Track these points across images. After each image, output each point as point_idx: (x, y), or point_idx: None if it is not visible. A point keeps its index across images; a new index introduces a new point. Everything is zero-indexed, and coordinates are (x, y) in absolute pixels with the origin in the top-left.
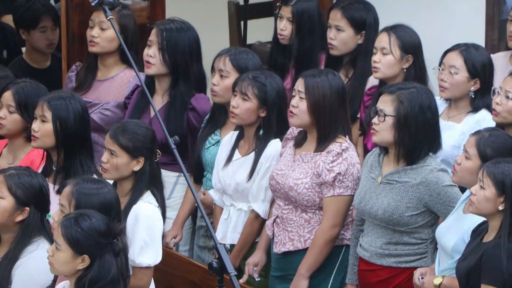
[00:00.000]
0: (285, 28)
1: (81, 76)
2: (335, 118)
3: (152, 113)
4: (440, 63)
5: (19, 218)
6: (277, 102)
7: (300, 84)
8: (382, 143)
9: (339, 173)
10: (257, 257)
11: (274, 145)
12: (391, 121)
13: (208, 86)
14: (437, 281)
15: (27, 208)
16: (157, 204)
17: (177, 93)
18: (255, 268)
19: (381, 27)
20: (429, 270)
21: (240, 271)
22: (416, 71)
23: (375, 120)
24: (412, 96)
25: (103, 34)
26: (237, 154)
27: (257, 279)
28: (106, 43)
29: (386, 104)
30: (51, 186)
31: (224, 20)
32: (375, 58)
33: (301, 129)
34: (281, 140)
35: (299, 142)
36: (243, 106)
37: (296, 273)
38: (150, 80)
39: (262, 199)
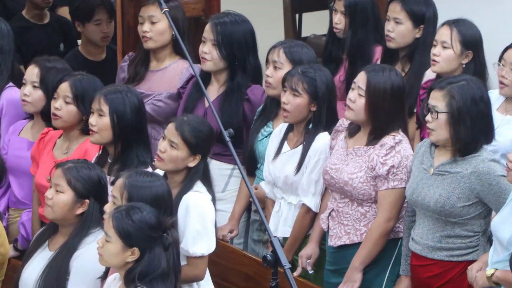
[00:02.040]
0: (339, 21)
1: (133, 68)
2: (392, 118)
3: (207, 104)
4: (500, 59)
5: (79, 211)
6: (327, 96)
7: (361, 80)
8: (439, 142)
9: (392, 166)
10: (310, 250)
11: (322, 138)
12: (445, 117)
13: (263, 76)
14: (489, 272)
15: (87, 201)
16: (208, 194)
17: (235, 85)
18: (308, 261)
19: (440, 22)
20: (483, 265)
21: (292, 265)
22: (476, 67)
23: (428, 117)
24: (463, 90)
25: (154, 28)
26: (286, 146)
27: (310, 272)
28: (159, 37)
29: (437, 100)
30: (107, 178)
31: (279, 13)
32: (434, 51)
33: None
34: (330, 132)
35: (353, 132)
36: (294, 102)
37: (350, 266)
38: (206, 72)
39: (312, 193)
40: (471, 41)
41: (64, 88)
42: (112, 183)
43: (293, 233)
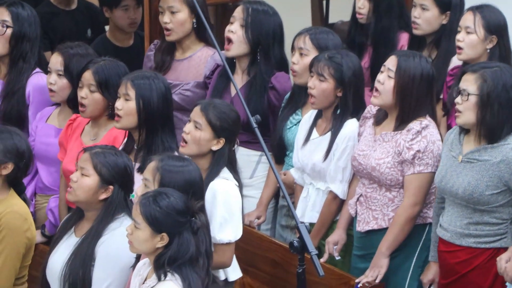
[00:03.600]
0: (363, 6)
1: (158, 57)
2: (419, 104)
3: (233, 93)
4: None
5: (103, 196)
6: (353, 82)
7: (391, 63)
8: (465, 125)
9: (418, 151)
10: (337, 236)
11: (351, 125)
12: (474, 100)
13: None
14: None
15: (111, 187)
16: (234, 181)
17: (258, 72)
18: (335, 247)
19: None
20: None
21: (319, 251)
22: (501, 52)
23: (458, 99)
24: (495, 75)
25: (174, 18)
26: (315, 133)
27: (337, 258)
28: (180, 28)
29: (469, 83)
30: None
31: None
32: (458, 36)
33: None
34: (358, 119)
35: (380, 120)
36: (320, 87)
37: (377, 252)
38: (231, 60)
39: (340, 180)
40: (495, 26)
41: (88, 76)
42: (138, 170)
43: (320, 219)
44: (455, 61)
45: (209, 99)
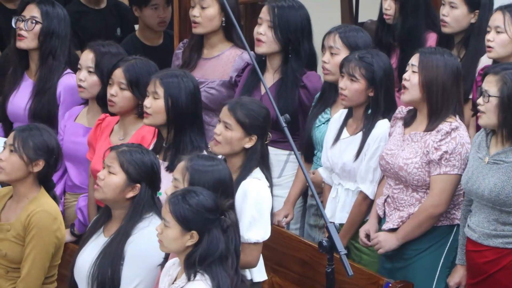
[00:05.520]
0: (390, 7)
1: (186, 54)
2: (447, 97)
3: (263, 91)
4: None
5: (130, 194)
6: (384, 81)
7: (414, 59)
8: (487, 125)
9: (446, 152)
10: (368, 225)
11: (382, 125)
12: (495, 101)
13: (319, 65)
14: None
15: (138, 185)
16: (266, 181)
17: (289, 70)
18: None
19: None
20: None
21: (348, 251)
22: None
23: (479, 100)
24: None
25: (203, 13)
26: (345, 132)
27: (370, 244)
28: (207, 22)
29: (490, 84)
30: (161, 163)
31: None
32: (488, 36)
33: (411, 107)
34: (390, 119)
35: (409, 121)
36: (352, 87)
37: (392, 233)
38: (260, 58)
39: (370, 180)
40: None
41: (118, 74)
42: (167, 168)
43: (349, 219)
44: (484, 61)
45: (237, 98)
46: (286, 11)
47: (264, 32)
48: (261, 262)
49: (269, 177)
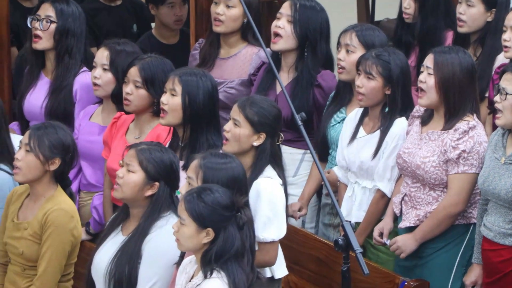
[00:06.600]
0: (409, 6)
1: (203, 54)
2: (464, 96)
3: (278, 90)
4: None
5: (149, 192)
6: (401, 79)
7: (429, 60)
8: (506, 125)
9: (463, 151)
10: (382, 223)
11: (400, 124)
12: None
13: (334, 65)
14: None
15: (157, 183)
16: (278, 178)
17: (304, 69)
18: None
19: None
20: None
21: (364, 249)
22: None
23: (496, 98)
24: None
25: (228, 12)
26: (361, 131)
27: (386, 242)
28: (231, 22)
29: (508, 82)
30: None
31: None
32: (505, 36)
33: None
34: (407, 118)
35: (426, 119)
36: (368, 85)
37: (411, 234)
38: (276, 57)
39: (388, 179)
40: None
41: (134, 72)
42: (184, 167)
43: (366, 217)
44: (501, 59)
45: (248, 96)
46: (307, 10)
47: (283, 25)
48: (280, 258)
49: (281, 175)
